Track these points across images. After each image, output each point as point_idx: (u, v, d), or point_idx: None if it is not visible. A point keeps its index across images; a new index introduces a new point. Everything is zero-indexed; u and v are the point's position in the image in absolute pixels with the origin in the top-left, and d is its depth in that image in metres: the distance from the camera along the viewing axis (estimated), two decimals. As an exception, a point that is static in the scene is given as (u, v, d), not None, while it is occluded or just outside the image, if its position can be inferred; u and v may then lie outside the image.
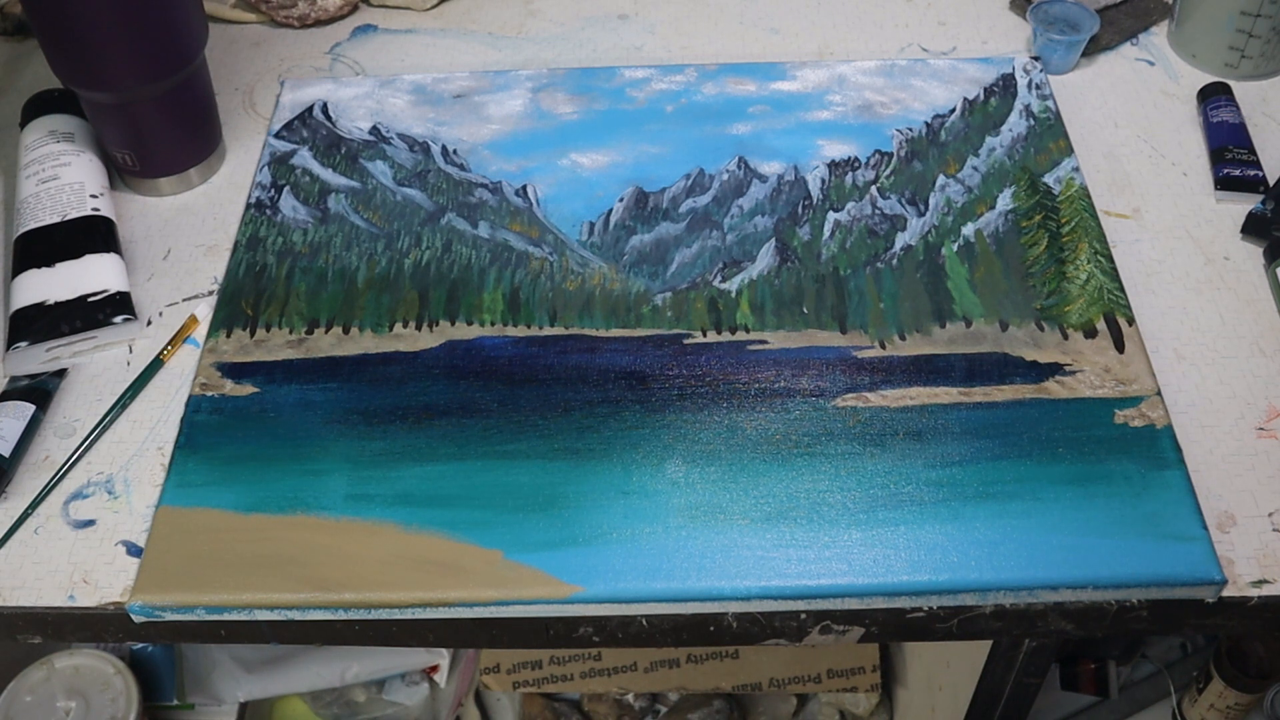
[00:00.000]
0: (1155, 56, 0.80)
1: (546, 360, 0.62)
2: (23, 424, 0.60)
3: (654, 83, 0.77)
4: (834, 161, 0.72)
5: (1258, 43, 0.75)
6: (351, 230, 0.70)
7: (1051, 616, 0.54)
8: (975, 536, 0.54)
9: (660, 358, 0.62)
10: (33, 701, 0.92)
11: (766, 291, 0.65)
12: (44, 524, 0.58)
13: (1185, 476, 0.56)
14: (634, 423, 0.59)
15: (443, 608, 0.54)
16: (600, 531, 0.55)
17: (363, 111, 0.77)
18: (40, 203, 0.68)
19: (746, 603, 0.53)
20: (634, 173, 0.72)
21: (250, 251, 0.69)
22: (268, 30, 0.86)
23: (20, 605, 0.55)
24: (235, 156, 0.76)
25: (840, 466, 0.57)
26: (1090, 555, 0.53)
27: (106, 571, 0.56)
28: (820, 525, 0.55)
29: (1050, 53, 0.78)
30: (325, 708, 1.09)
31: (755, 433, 0.58)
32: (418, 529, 0.55)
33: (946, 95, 0.75)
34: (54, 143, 0.71)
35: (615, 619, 0.54)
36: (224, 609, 0.54)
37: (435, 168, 0.73)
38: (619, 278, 0.66)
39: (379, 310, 0.65)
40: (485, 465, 0.58)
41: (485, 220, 0.70)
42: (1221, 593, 0.53)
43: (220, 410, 0.61)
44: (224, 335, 0.64)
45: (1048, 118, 0.73)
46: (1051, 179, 0.70)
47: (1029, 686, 0.73)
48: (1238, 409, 0.60)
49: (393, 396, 0.61)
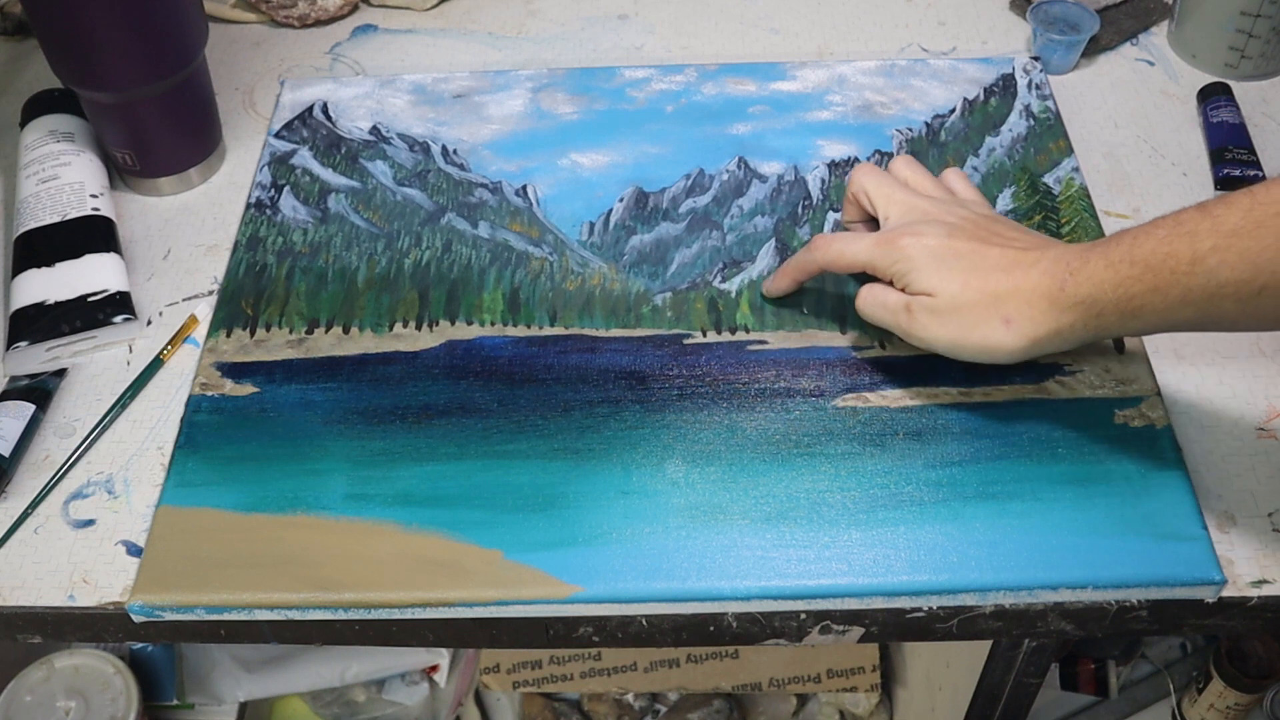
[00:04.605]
0: (1155, 56, 0.80)
1: (546, 360, 0.62)
2: (23, 424, 0.60)
3: (654, 83, 0.77)
4: (834, 161, 0.72)
5: (1258, 43, 0.75)
6: (351, 230, 0.70)
7: (1051, 616, 0.54)
8: (975, 536, 0.54)
9: (660, 358, 0.62)
10: (33, 701, 0.92)
11: (766, 291, 0.65)
12: (44, 524, 0.58)
13: (1185, 476, 0.56)
14: (634, 423, 0.59)
15: (443, 608, 0.54)
16: (600, 531, 0.55)
17: (363, 111, 0.77)
18: (40, 202, 0.68)
19: (746, 603, 0.53)
20: (634, 173, 0.72)
21: (250, 251, 0.69)
22: (268, 30, 0.86)
23: (20, 605, 0.55)
24: (235, 156, 0.76)
25: (840, 466, 0.57)
26: (1090, 555, 0.53)
27: (106, 571, 0.56)
28: (820, 525, 0.55)
29: (1050, 53, 0.78)
30: (325, 708, 1.09)
31: (755, 433, 0.58)
32: (418, 529, 0.55)
33: (946, 95, 0.75)
34: (54, 143, 0.71)
35: (615, 619, 0.54)
36: (224, 609, 0.54)
37: (435, 168, 0.73)
38: (619, 278, 0.66)
39: (379, 310, 0.65)
40: (485, 465, 0.58)
41: (485, 220, 0.70)
42: (1221, 593, 0.53)
43: (220, 410, 0.61)
44: (224, 335, 0.64)
45: (1048, 118, 0.73)
46: (1051, 179, 0.70)
47: (1029, 686, 0.73)
48: (1238, 409, 0.60)
49: (393, 396, 0.61)
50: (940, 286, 0.55)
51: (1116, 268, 0.49)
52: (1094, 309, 0.51)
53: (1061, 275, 0.52)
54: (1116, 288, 0.49)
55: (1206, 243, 0.46)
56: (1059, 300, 0.52)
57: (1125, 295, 0.49)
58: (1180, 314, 0.49)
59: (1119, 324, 0.51)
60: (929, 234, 0.56)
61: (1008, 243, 0.55)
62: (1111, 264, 0.50)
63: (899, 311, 0.57)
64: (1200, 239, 0.47)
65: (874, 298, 0.58)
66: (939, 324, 0.55)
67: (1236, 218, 0.46)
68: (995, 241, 0.55)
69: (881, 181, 0.61)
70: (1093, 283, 0.50)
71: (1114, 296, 0.50)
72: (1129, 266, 0.49)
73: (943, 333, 0.55)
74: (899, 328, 0.57)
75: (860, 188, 0.62)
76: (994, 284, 0.54)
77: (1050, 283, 0.52)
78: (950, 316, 0.55)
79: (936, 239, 0.56)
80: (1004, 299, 0.53)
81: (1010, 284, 0.53)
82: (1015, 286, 0.53)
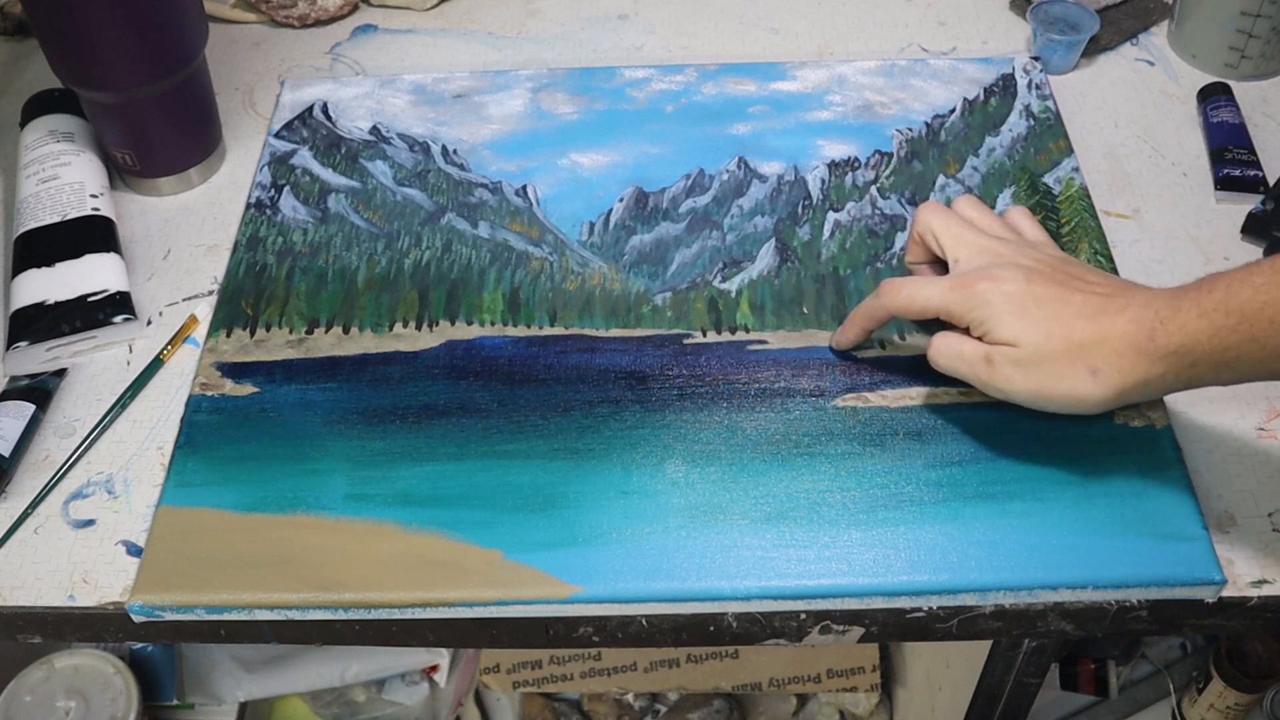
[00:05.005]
0: (1155, 56, 0.80)
1: (546, 360, 0.62)
2: (23, 424, 0.60)
3: (654, 83, 0.77)
4: (834, 161, 0.72)
5: (1258, 43, 0.75)
6: (351, 230, 0.70)
7: (1051, 616, 0.54)
8: (975, 536, 0.54)
9: (660, 358, 0.62)
10: (33, 701, 0.92)
11: (766, 291, 0.65)
12: (44, 524, 0.58)
13: (1185, 476, 0.56)
14: (634, 423, 0.59)
15: (443, 608, 0.54)
16: (600, 531, 0.55)
17: (363, 111, 0.77)
18: (40, 202, 0.68)
19: (746, 603, 0.53)
20: (634, 173, 0.72)
21: (250, 251, 0.69)
22: (268, 30, 0.86)
23: (20, 605, 0.55)
24: (235, 156, 0.76)
25: (840, 466, 0.57)
26: (1090, 555, 0.53)
27: (106, 571, 0.56)
28: (820, 525, 0.55)
29: (1050, 53, 0.78)
30: (325, 708, 1.09)
31: (755, 433, 0.58)
32: (418, 529, 0.55)
33: (946, 95, 0.75)
34: (54, 143, 0.71)
35: (615, 619, 0.54)
36: (224, 609, 0.54)
37: (435, 168, 0.73)
38: (619, 278, 0.66)
39: (379, 310, 0.65)
40: (485, 465, 0.58)
41: (485, 220, 0.70)
42: (1221, 593, 0.53)
43: (220, 410, 0.61)
44: (224, 335, 0.64)
45: (1048, 118, 0.73)
46: (1051, 179, 0.70)
47: (1029, 686, 0.73)
48: (1238, 409, 0.60)
49: (393, 396, 0.61)
50: (1023, 336, 0.52)
51: (1210, 317, 0.47)
52: (1187, 359, 0.49)
53: (1151, 324, 0.49)
54: (1212, 338, 0.47)
55: None
56: (1149, 350, 0.49)
57: (1221, 346, 0.47)
58: (1277, 365, 0.47)
59: (1213, 374, 0.49)
60: (1007, 279, 0.53)
61: (1089, 287, 0.53)
62: (1205, 313, 0.47)
63: (978, 363, 0.54)
64: None
65: (950, 349, 0.55)
66: (1023, 376, 0.53)
67: None
68: (1076, 287, 0.53)
69: (950, 221, 0.58)
70: (1185, 332, 0.48)
71: (1209, 347, 0.47)
72: (1224, 316, 0.47)
73: (1027, 384, 0.53)
74: (978, 380, 0.55)
75: (927, 227, 0.59)
76: (1079, 333, 0.51)
77: (1139, 331, 0.50)
78: (1034, 368, 0.52)
79: (1015, 284, 0.53)
80: (1090, 349, 0.51)
81: (1097, 332, 0.51)
82: (1103, 335, 0.51)
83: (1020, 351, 0.52)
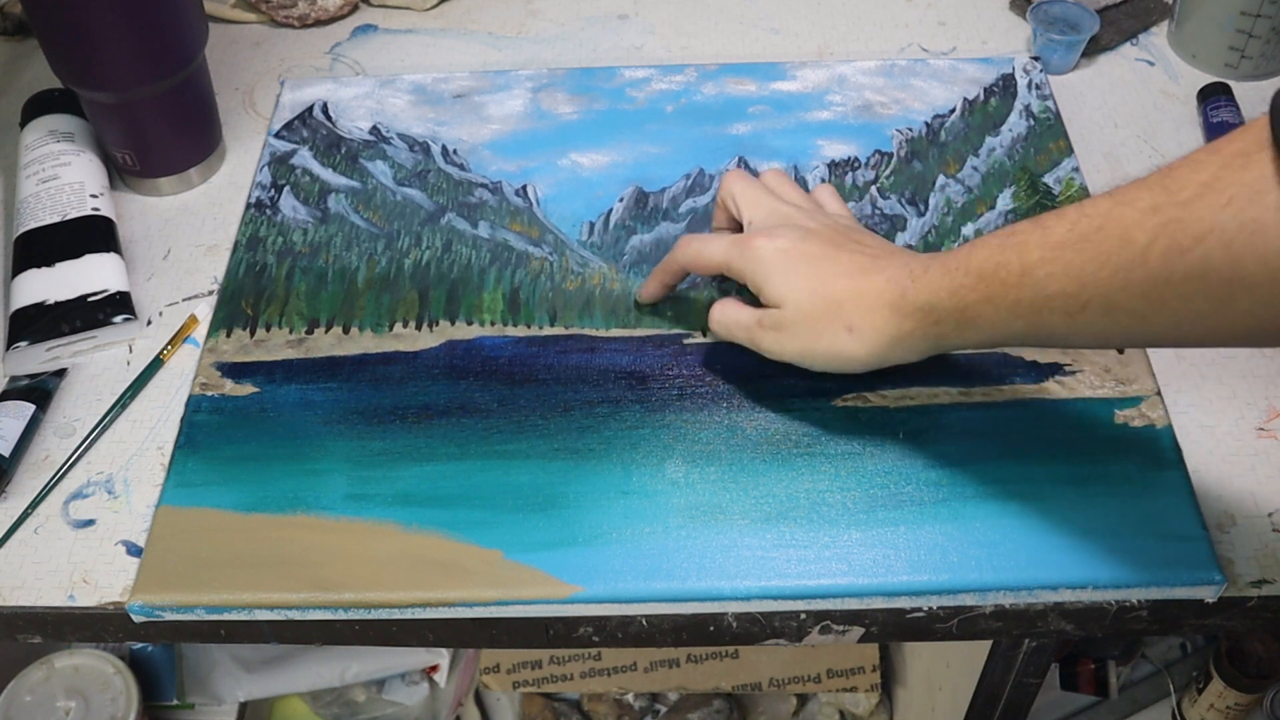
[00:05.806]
0: (1155, 56, 0.80)
1: (546, 360, 0.62)
2: (23, 424, 0.60)
3: (654, 83, 0.77)
4: (834, 161, 0.72)
5: (1258, 43, 0.75)
6: (351, 230, 0.70)
7: (1051, 616, 0.54)
8: (975, 536, 0.54)
9: (660, 358, 0.62)
10: (33, 701, 0.92)
11: (766, 291, 0.65)
12: (44, 524, 0.58)
13: (1185, 476, 0.56)
14: (634, 423, 0.59)
15: (443, 608, 0.54)
16: (600, 531, 0.55)
17: (363, 111, 0.77)
18: (40, 202, 0.68)
19: (746, 603, 0.53)
20: (634, 173, 0.72)
21: (250, 251, 0.69)
22: (268, 30, 0.86)
23: (20, 605, 0.55)
24: (235, 156, 0.76)
25: (840, 466, 0.57)
26: (1090, 555, 0.53)
27: (106, 571, 0.56)
28: (820, 525, 0.55)
29: (1050, 53, 0.78)
30: (325, 708, 1.09)
31: (755, 433, 0.58)
32: (418, 529, 0.55)
33: (946, 95, 0.75)
34: (54, 143, 0.71)
35: (615, 619, 0.54)
36: (224, 609, 0.54)
37: (435, 168, 0.73)
38: (619, 278, 0.66)
39: (379, 310, 0.65)
40: (485, 465, 0.58)
41: (485, 220, 0.70)
42: (1221, 593, 0.53)
43: (220, 410, 0.61)
44: (224, 335, 0.64)
45: (1048, 118, 0.73)
46: (1051, 179, 0.70)
47: (1029, 686, 0.73)
48: (1238, 409, 0.60)
49: (393, 396, 0.61)
50: (788, 296, 0.55)
51: (953, 275, 0.49)
52: (931, 316, 0.50)
53: (904, 282, 0.51)
54: (952, 295, 0.49)
55: (1035, 254, 0.46)
56: (900, 306, 0.51)
57: (960, 304, 0.49)
58: (1012, 326, 0.48)
59: (956, 333, 0.50)
60: (783, 236, 0.56)
61: (861, 249, 0.55)
62: (949, 271, 0.49)
63: (751, 328, 0.57)
64: (1029, 250, 0.46)
65: (727, 316, 0.59)
66: (789, 337, 0.55)
67: (1063, 230, 0.45)
68: (849, 248, 0.55)
69: (749, 187, 0.61)
70: (930, 290, 0.50)
71: (950, 305, 0.49)
72: (964, 275, 0.49)
73: (793, 344, 0.55)
74: (753, 343, 0.57)
75: (729, 192, 0.62)
76: (839, 290, 0.53)
77: (893, 289, 0.52)
78: (797, 327, 0.55)
79: (789, 241, 0.55)
80: (846, 305, 0.53)
81: (854, 290, 0.53)
82: (860, 292, 0.53)
83: (784, 313, 0.55)
